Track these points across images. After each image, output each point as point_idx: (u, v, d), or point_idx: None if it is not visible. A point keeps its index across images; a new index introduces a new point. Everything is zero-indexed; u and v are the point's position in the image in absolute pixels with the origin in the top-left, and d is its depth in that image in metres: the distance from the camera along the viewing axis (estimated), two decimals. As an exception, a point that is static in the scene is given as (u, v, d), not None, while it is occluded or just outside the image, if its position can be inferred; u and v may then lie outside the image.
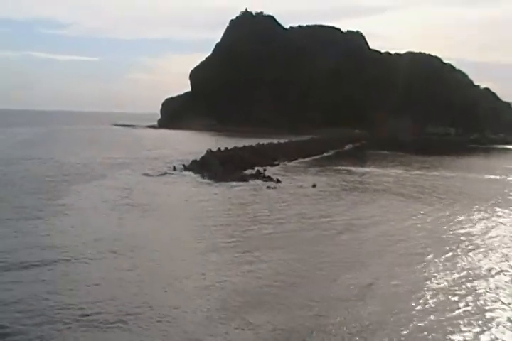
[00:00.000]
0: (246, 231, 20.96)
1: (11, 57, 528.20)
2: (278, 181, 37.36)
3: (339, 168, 49.98)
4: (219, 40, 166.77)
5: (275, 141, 66.81)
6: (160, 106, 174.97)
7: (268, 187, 33.79)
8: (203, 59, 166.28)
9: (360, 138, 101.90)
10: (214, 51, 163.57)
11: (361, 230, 21.83)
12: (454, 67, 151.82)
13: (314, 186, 35.53)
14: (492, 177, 46.05)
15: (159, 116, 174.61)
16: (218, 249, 17.87)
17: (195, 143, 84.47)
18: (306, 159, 58.34)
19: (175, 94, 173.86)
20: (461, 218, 25.03)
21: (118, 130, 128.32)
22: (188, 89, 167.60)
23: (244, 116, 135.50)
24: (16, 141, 69.86)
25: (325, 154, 67.13)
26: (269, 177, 39.11)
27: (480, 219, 24.94)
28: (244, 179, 37.66)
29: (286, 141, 70.33)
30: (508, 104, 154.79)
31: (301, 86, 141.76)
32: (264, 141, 64.45)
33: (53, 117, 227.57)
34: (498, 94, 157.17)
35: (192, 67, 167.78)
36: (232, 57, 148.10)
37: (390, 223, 23.66)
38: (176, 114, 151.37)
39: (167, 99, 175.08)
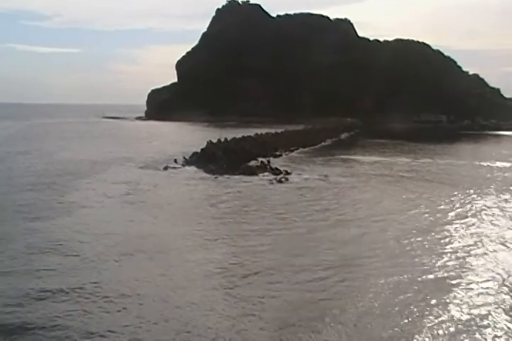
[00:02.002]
0: (292, 237, 18.47)
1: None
2: (287, 173, 35.79)
3: (344, 157, 48.52)
4: (204, 30, 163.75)
5: (272, 131, 65.00)
6: (145, 98, 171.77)
7: (280, 181, 32.16)
8: (189, 49, 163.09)
9: (353, 127, 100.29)
10: (201, 41, 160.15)
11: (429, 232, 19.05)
12: (443, 54, 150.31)
13: (326, 176, 34.07)
14: (502, 164, 44.66)
15: (145, 108, 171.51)
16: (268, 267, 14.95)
17: (189, 134, 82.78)
18: (306, 149, 56.93)
19: (160, 85, 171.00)
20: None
21: (109, 122, 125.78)
22: (173, 79, 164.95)
23: (234, 106, 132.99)
24: (4, 135, 67.35)
25: (323, 143, 65.73)
26: (276, 168, 37.53)
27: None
28: (253, 172, 36.00)
29: (283, 130, 68.45)
30: (497, 89, 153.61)
31: (290, 75, 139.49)
32: (260, 131, 62.51)
33: (39, 110, 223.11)
34: (487, 81, 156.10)
35: (176, 58, 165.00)
36: (220, 47, 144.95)
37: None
38: (163, 105, 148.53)
39: (153, 91, 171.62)
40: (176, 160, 41.78)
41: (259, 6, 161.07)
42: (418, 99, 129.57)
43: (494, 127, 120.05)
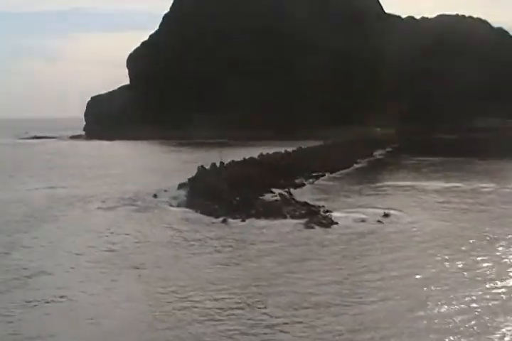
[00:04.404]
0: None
1: None
2: (327, 211, 34.35)
3: (393, 183, 48.31)
4: (166, 11, 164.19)
5: (279, 150, 64.06)
6: (80, 108, 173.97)
7: (321, 224, 30.09)
8: (145, 39, 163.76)
9: (388, 141, 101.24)
10: (161, 27, 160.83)
11: None
12: (507, 33, 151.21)
13: (387, 215, 32.63)
14: None
15: (83, 123, 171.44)
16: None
17: (157, 158, 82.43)
18: (336, 174, 56.08)
19: (104, 91, 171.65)
20: None
21: (34, 145, 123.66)
22: (122, 82, 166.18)
23: (210, 116, 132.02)
24: None
25: (356, 165, 65.13)
26: (307, 203, 36.23)
27: None
28: (277, 211, 34.19)
29: (295, 149, 67.68)
30: None
31: (288, 70, 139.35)
32: (261, 151, 61.22)
33: None
34: None
35: (120, 51, 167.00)
36: (189, 34, 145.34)
37: None
38: (109, 118, 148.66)
39: (93, 98, 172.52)
40: (155, 196, 41.06)
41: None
42: (472, 98, 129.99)
43: None
